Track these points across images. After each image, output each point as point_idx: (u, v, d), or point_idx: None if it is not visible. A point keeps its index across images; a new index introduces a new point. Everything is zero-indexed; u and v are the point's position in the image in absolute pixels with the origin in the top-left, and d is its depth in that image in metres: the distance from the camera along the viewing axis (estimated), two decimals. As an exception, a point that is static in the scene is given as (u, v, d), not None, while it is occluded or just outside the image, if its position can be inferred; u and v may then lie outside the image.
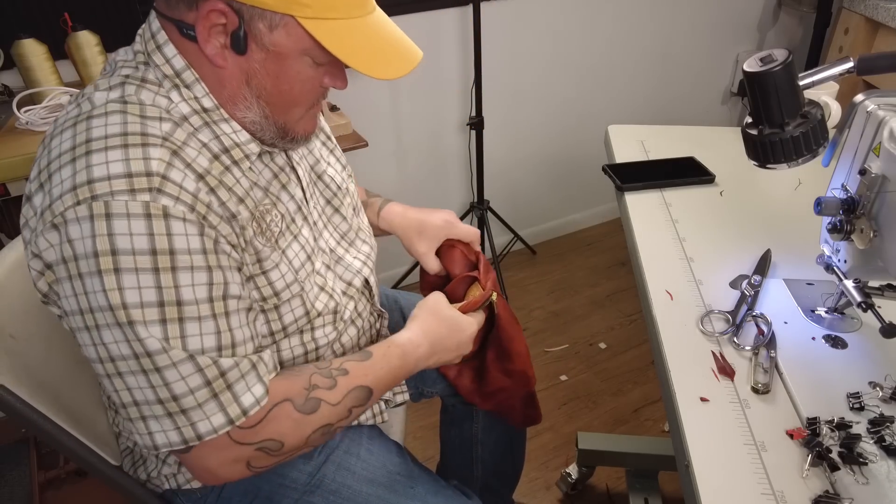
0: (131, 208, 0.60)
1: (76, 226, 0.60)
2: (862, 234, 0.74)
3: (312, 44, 0.66)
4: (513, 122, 2.27)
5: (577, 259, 2.50)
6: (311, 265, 0.81)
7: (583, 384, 1.91)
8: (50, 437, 0.77)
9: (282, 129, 0.73)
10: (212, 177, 0.68)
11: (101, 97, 0.67)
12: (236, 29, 0.64)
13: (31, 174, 0.67)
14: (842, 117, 0.77)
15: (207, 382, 0.64)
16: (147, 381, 0.63)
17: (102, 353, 0.63)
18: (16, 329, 0.81)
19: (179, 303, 0.62)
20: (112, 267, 0.60)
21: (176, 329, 0.62)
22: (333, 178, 0.91)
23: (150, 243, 0.60)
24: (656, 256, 0.98)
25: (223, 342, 0.65)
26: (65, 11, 1.39)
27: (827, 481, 0.64)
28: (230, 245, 0.68)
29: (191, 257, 0.63)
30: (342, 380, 0.75)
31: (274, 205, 0.77)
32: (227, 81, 0.69)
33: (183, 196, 0.63)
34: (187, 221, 0.63)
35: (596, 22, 2.22)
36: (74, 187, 0.60)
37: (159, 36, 0.69)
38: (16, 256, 0.86)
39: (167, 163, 0.63)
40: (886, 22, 2.01)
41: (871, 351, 0.80)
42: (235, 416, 0.66)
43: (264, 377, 0.69)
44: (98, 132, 0.63)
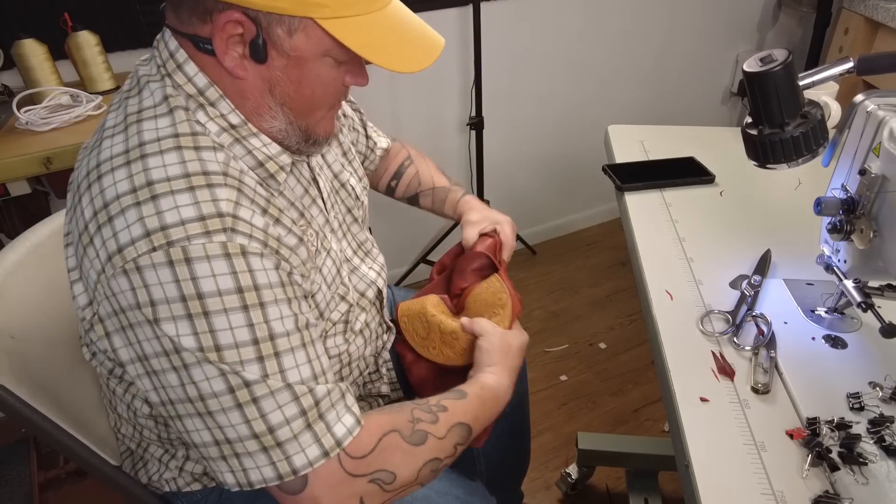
0: (210, 250, 0.59)
1: (152, 272, 0.59)
2: (862, 234, 0.74)
3: (333, 44, 0.64)
4: (513, 122, 2.27)
5: (577, 259, 2.50)
6: (339, 277, 0.82)
7: (583, 384, 1.91)
8: (50, 437, 0.77)
9: (305, 132, 0.72)
10: (273, 207, 0.68)
11: (150, 129, 0.64)
12: (254, 37, 0.63)
13: (82, 211, 0.63)
14: (842, 117, 0.77)
15: (303, 412, 0.63)
16: (242, 416, 0.61)
17: (192, 393, 0.61)
18: (16, 329, 0.81)
19: (272, 337, 0.62)
20: (201, 310, 0.59)
21: (274, 365, 0.62)
22: (354, 188, 0.91)
23: (235, 282, 0.60)
24: (656, 256, 0.98)
25: (316, 370, 0.65)
26: (65, 11, 1.39)
27: (827, 481, 0.64)
28: (301, 276, 0.69)
29: (273, 291, 0.63)
30: (443, 416, 0.73)
31: (308, 224, 0.77)
32: (250, 93, 0.67)
33: (255, 233, 0.63)
34: (264, 256, 0.63)
35: (596, 22, 2.22)
36: (148, 233, 0.59)
37: (178, 55, 0.66)
38: (16, 256, 0.86)
39: (234, 202, 0.63)
40: (886, 22, 2.01)
41: (871, 351, 0.80)
42: (330, 448, 0.64)
43: (352, 407, 0.67)
44: (158, 174, 0.61)
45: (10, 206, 1.35)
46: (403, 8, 0.71)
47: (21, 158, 1.16)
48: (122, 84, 1.46)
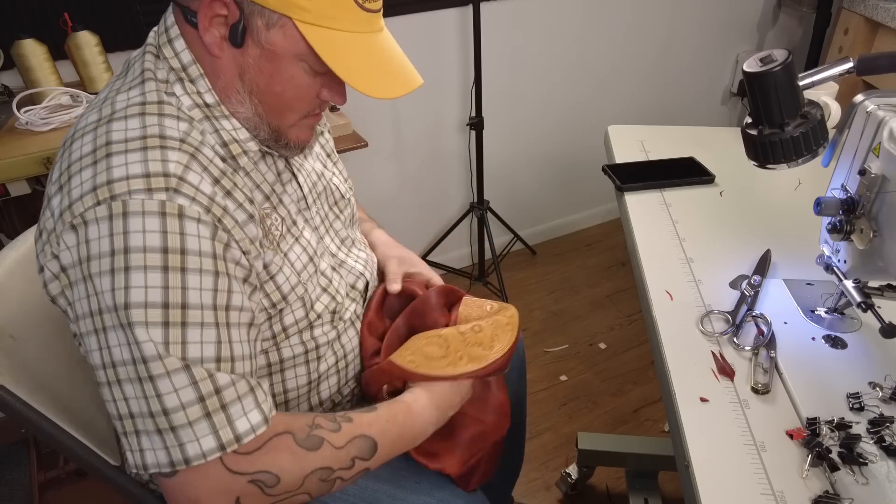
0: (147, 206, 0.60)
1: (94, 226, 0.60)
2: (862, 234, 0.74)
3: (307, 50, 0.66)
4: (513, 122, 2.27)
5: (577, 259, 2.50)
6: (313, 266, 0.81)
7: (583, 384, 1.91)
8: (50, 437, 0.77)
9: (275, 131, 0.73)
10: (227, 179, 0.68)
11: (122, 99, 0.67)
12: (236, 22, 0.65)
13: (51, 177, 0.67)
14: (842, 117, 0.77)
15: (201, 398, 0.61)
16: (141, 391, 0.60)
17: (106, 358, 0.62)
18: (16, 329, 0.81)
19: (184, 306, 0.61)
20: (123, 265, 0.59)
21: (178, 334, 0.60)
22: (338, 187, 0.91)
23: (163, 241, 0.60)
24: (656, 256, 0.98)
25: (223, 353, 0.63)
26: (65, 11, 1.39)
27: (827, 481, 0.64)
28: (241, 252, 0.68)
29: (200, 259, 0.62)
30: (346, 426, 0.71)
31: (274, 208, 0.77)
32: (222, 72, 0.69)
33: (199, 197, 0.63)
34: (201, 223, 0.63)
35: (596, 22, 2.22)
36: (94, 188, 0.61)
37: (172, 30, 0.70)
38: (16, 256, 0.86)
39: (184, 165, 0.64)
40: (886, 22, 2.01)
41: (870, 351, 0.80)
42: (227, 442, 0.62)
43: (262, 404, 0.65)
44: (118, 135, 0.64)
45: (10, 206, 1.35)
46: (392, 42, 0.72)
47: (21, 158, 1.16)
48: (122, 84, 1.46)
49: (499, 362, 0.85)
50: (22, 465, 1.64)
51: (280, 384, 0.82)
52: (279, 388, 0.82)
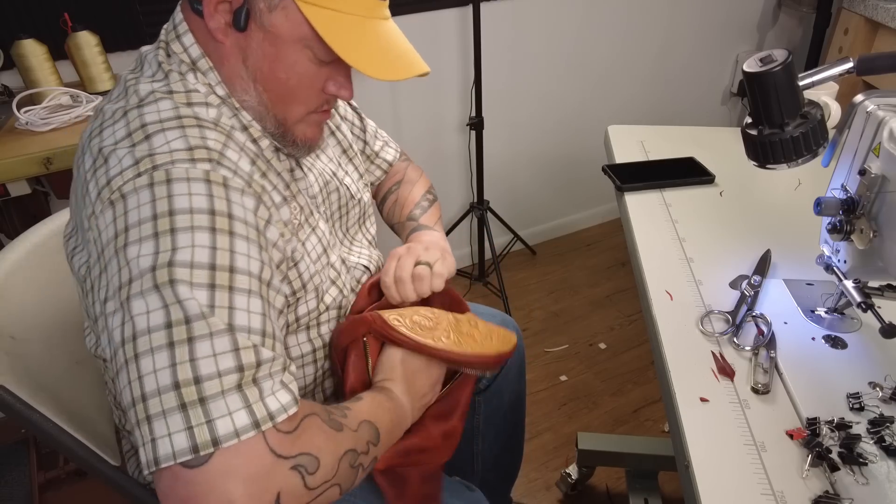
0: (191, 173, 0.60)
1: (134, 196, 0.58)
2: (862, 234, 0.74)
3: (311, 33, 0.65)
4: (513, 123, 2.27)
5: (577, 259, 2.50)
6: (326, 258, 0.81)
7: (583, 384, 1.91)
8: (50, 438, 0.77)
9: (282, 124, 0.73)
10: (261, 161, 0.69)
11: (145, 89, 0.67)
12: (239, 6, 0.65)
13: (83, 164, 0.64)
14: (842, 117, 0.77)
15: (240, 368, 0.54)
16: (170, 358, 0.53)
17: (127, 332, 0.54)
18: (16, 329, 0.81)
19: (233, 269, 0.57)
20: (168, 227, 0.56)
21: (225, 297, 0.56)
22: (349, 187, 0.91)
23: (210, 203, 0.59)
24: (656, 256, 0.98)
25: (267, 328, 0.58)
26: (65, 11, 1.39)
27: (827, 481, 0.64)
28: (279, 234, 0.68)
29: (247, 228, 0.61)
30: (349, 413, 0.68)
31: (294, 196, 0.77)
32: (226, 58, 0.69)
33: (240, 172, 0.64)
34: (245, 194, 0.63)
35: (596, 22, 2.22)
36: (136, 161, 0.60)
37: (181, 26, 0.70)
38: (16, 257, 0.86)
39: (223, 143, 0.65)
40: (886, 22, 2.01)
41: (870, 351, 0.80)
42: (262, 419, 0.54)
43: (290, 384, 0.59)
44: (152, 117, 0.64)
45: (10, 206, 1.35)
46: (397, 30, 0.72)
47: (21, 159, 1.16)
48: (122, 84, 1.46)
49: (482, 358, 0.81)
50: (22, 465, 1.64)
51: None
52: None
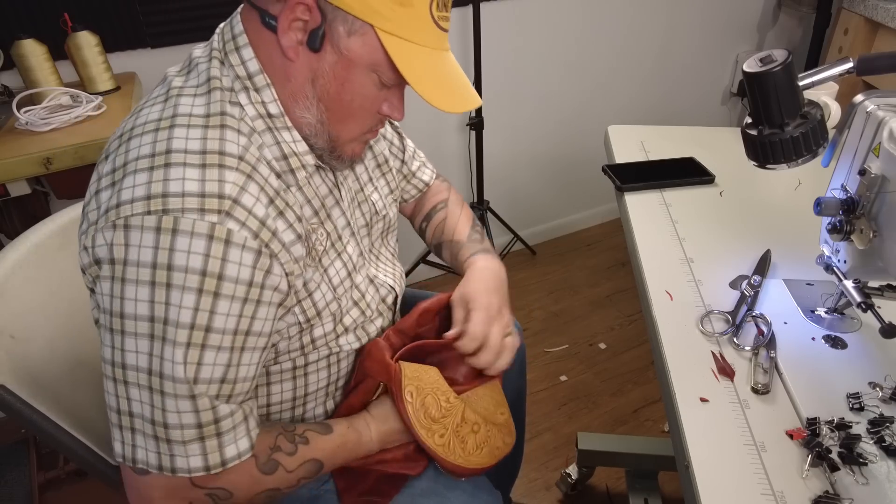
0: (197, 227, 0.61)
1: (138, 233, 0.61)
2: (862, 234, 0.74)
3: (384, 59, 0.67)
4: (513, 123, 2.27)
5: (577, 259, 2.50)
6: (350, 281, 0.82)
7: (583, 384, 1.91)
8: (50, 438, 0.77)
9: (334, 140, 0.74)
10: (281, 198, 0.69)
11: (185, 104, 0.68)
12: (317, 27, 0.65)
13: (102, 168, 0.67)
14: (841, 117, 0.77)
15: (199, 426, 0.65)
16: (149, 399, 0.63)
17: (118, 358, 0.63)
18: (16, 329, 0.81)
19: (208, 329, 0.63)
20: (164, 281, 0.61)
21: (196, 355, 0.63)
22: (375, 203, 0.91)
23: (204, 264, 0.61)
24: (656, 257, 0.98)
25: (228, 376, 0.66)
26: (65, 11, 1.39)
27: (827, 481, 0.64)
28: (285, 274, 0.69)
29: (235, 286, 0.64)
30: (302, 448, 0.75)
31: (322, 223, 0.77)
32: (294, 76, 0.69)
33: (249, 222, 0.64)
34: (246, 249, 0.64)
35: (596, 22, 2.22)
36: (149, 196, 0.61)
37: (240, 38, 0.70)
38: (16, 256, 0.86)
39: (240, 187, 0.65)
40: (886, 22, 2.01)
41: (870, 351, 0.80)
42: (213, 465, 0.66)
43: (252, 431, 0.70)
44: (178, 144, 0.64)
45: (10, 206, 1.35)
46: (456, 64, 0.74)
47: (21, 159, 1.16)
48: (122, 84, 1.47)
49: (458, 469, 0.84)
50: (22, 465, 1.64)
51: (303, 387, 0.83)
52: (301, 391, 0.83)
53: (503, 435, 0.91)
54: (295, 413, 0.86)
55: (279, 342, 0.76)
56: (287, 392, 0.82)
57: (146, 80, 1.60)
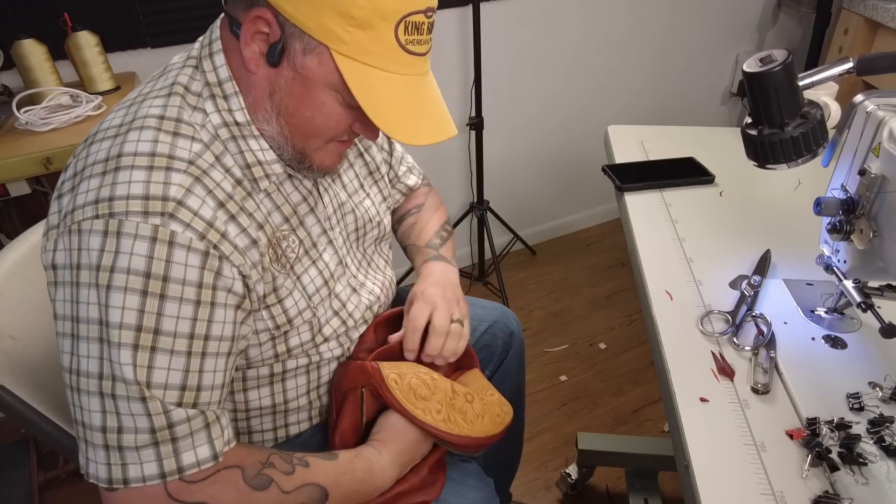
0: (140, 230, 0.61)
1: (87, 237, 0.61)
2: (861, 234, 0.74)
3: (341, 81, 0.65)
4: (513, 123, 2.27)
5: (577, 259, 2.50)
6: (327, 290, 0.81)
7: (583, 384, 1.91)
8: (50, 438, 0.77)
9: (300, 153, 0.73)
10: (233, 203, 0.68)
11: (145, 107, 0.68)
12: (276, 41, 0.65)
13: (66, 172, 0.68)
14: (841, 117, 0.77)
15: (152, 430, 0.62)
16: (100, 404, 0.62)
17: (73, 364, 0.63)
18: (16, 329, 0.81)
19: (156, 331, 0.62)
20: (106, 283, 0.61)
21: (145, 357, 0.61)
22: (367, 211, 0.90)
23: (147, 266, 0.61)
24: (656, 257, 0.98)
25: (189, 382, 0.64)
26: (65, 11, 1.39)
27: (827, 481, 0.64)
28: (241, 276, 0.68)
29: (183, 288, 0.63)
30: (301, 471, 0.71)
31: (293, 230, 0.76)
32: (254, 88, 0.69)
33: (194, 223, 0.63)
34: (192, 250, 0.63)
35: (596, 22, 2.22)
36: (97, 201, 0.62)
37: (216, 44, 0.70)
38: (16, 256, 0.86)
39: (186, 189, 0.64)
40: (886, 22, 2.01)
41: (870, 351, 0.80)
42: (169, 472, 0.63)
43: (216, 440, 0.66)
44: (129, 147, 0.64)
45: (9, 206, 1.35)
46: (433, 88, 0.71)
47: (21, 159, 1.16)
48: (122, 84, 1.47)
49: (468, 441, 0.82)
50: (22, 465, 1.64)
51: (282, 394, 0.82)
52: (280, 397, 0.82)
53: (500, 404, 0.90)
54: (277, 422, 0.85)
55: (249, 349, 0.75)
56: (266, 398, 0.81)
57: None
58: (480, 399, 0.88)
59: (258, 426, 0.84)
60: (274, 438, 0.86)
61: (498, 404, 0.90)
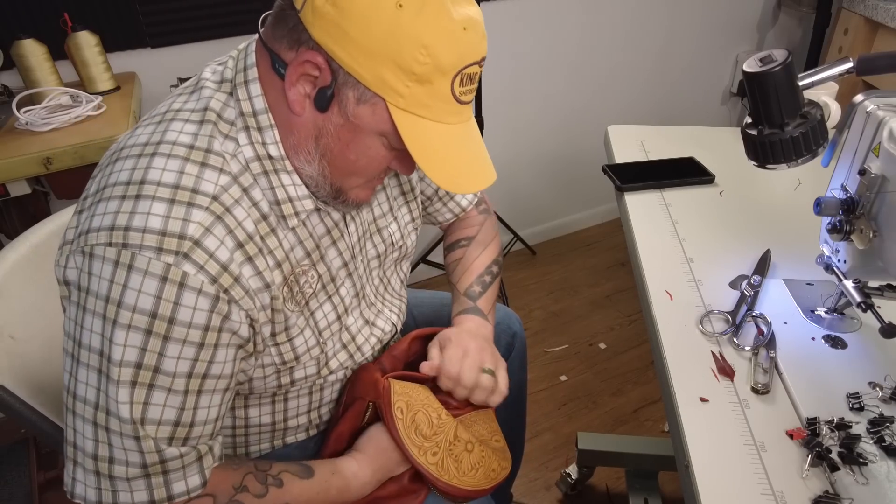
0: (151, 267, 0.60)
1: (99, 263, 0.60)
2: (861, 234, 0.74)
3: (392, 130, 0.64)
4: (513, 123, 2.27)
5: (577, 259, 2.50)
6: (339, 324, 0.80)
7: (583, 384, 1.91)
8: (50, 438, 0.77)
9: (337, 191, 0.71)
10: (253, 243, 0.66)
11: (174, 130, 0.66)
12: (326, 86, 0.63)
13: (90, 186, 0.67)
14: (841, 117, 0.77)
15: (144, 465, 0.63)
16: (93, 433, 0.62)
17: (71, 386, 0.63)
18: (16, 330, 0.81)
19: (156, 370, 0.61)
20: (113, 318, 0.60)
21: (142, 394, 0.61)
22: (392, 235, 0.88)
23: (154, 306, 0.60)
24: (656, 256, 0.98)
25: (182, 419, 0.64)
26: (65, 11, 1.39)
27: (827, 481, 0.64)
28: (249, 320, 0.67)
29: (188, 331, 0.62)
30: (274, 491, 0.70)
31: (314, 265, 0.75)
32: (297, 130, 0.67)
33: (209, 266, 0.62)
34: (202, 294, 0.61)
35: (596, 22, 2.22)
36: (112, 227, 0.60)
37: (251, 71, 0.67)
38: (16, 257, 0.86)
39: (205, 228, 0.62)
40: (886, 22, 2.01)
41: (870, 351, 0.80)
42: (159, 499, 0.64)
43: (206, 470, 0.67)
44: (153, 175, 0.63)
45: (9, 206, 1.35)
46: (474, 133, 0.72)
47: (21, 159, 1.16)
48: (121, 84, 1.47)
49: (453, 490, 0.81)
50: (22, 465, 1.64)
51: (282, 412, 0.82)
52: (281, 415, 0.82)
53: (499, 459, 0.88)
54: (275, 437, 0.85)
55: (252, 381, 0.74)
56: (266, 416, 0.81)
57: (146, 80, 1.60)
58: (481, 449, 0.86)
59: (256, 440, 0.84)
60: (271, 448, 0.86)
61: (497, 458, 0.88)
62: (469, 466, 0.84)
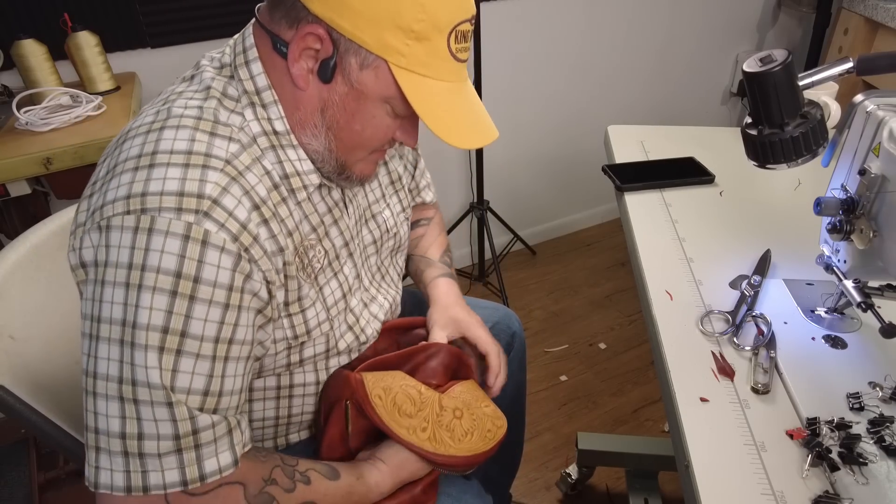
0: (172, 227, 0.59)
1: (118, 233, 0.60)
2: (861, 234, 0.74)
3: (397, 93, 0.66)
4: (513, 123, 2.27)
5: (577, 259, 2.50)
6: (344, 303, 0.81)
7: (583, 384, 1.91)
8: (50, 438, 0.77)
9: (341, 165, 0.73)
10: (267, 207, 0.67)
11: (179, 107, 0.67)
12: (328, 57, 0.64)
13: (98, 171, 0.67)
14: (841, 117, 0.77)
15: (176, 437, 0.60)
16: (119, 410, 0.59)
17: (90, 367, 0.61)
18: (16, 330, 0.81)
19: (184, 334, 0.60)
20: (137, 282, 0.59)
21: (171, 361, 0.59)
22: (386, 221, 0.90)
23: (178, 265, 0.59)
24: (656, 256, 0.98)
25: (212, 387, 0.62)
26: (65, 11, 1.39)
27: (827, 481, 0.64)
28: (266, 282, 0.67)
29: (213, 290, 0.61)
30: (301, 488, 0.69)
31: (320, 240, 0.76)
32: (303, 104, 0.68)
33: (229, 224, 0.62)
34: (225, 251, 0.61)
35: (596, 22, 2.22)
36: (129, 196, 0.60)
37: (250, 52, 0.69)
38: (16, 257, 0.86)
39: (222, 188, 0.63)
40: (886, 22, 2.01)
41: (870, 351, 0.80)
42: (191, 479, 0.61)
43: (237, 446, 0.65)
44: (165, 145, 0.63)
45: (10, 206, 1.35)
46: (473, 93, 0.73)
47: (21, 159, 1.16)
48: (122, 84, 1.47)
49: (454, 461, 0.80)
50: (22, 465, 1.64)
51: (286, 409, 0.82)
52: (285, 412, 0.82)
53: (491, 418, 0.87)
54: (278, 432, 0.85)
55: (264, 357, 0.74)
56: (270, 410, 0.81)
57: (146, 80, 1.60)
58: (471, 414, 0.85)
59: (259, 435, 0.84)
60: (274, 446, 0.86)
61: (490, 418, 0.87)
62: (463, 432, 0.83)
